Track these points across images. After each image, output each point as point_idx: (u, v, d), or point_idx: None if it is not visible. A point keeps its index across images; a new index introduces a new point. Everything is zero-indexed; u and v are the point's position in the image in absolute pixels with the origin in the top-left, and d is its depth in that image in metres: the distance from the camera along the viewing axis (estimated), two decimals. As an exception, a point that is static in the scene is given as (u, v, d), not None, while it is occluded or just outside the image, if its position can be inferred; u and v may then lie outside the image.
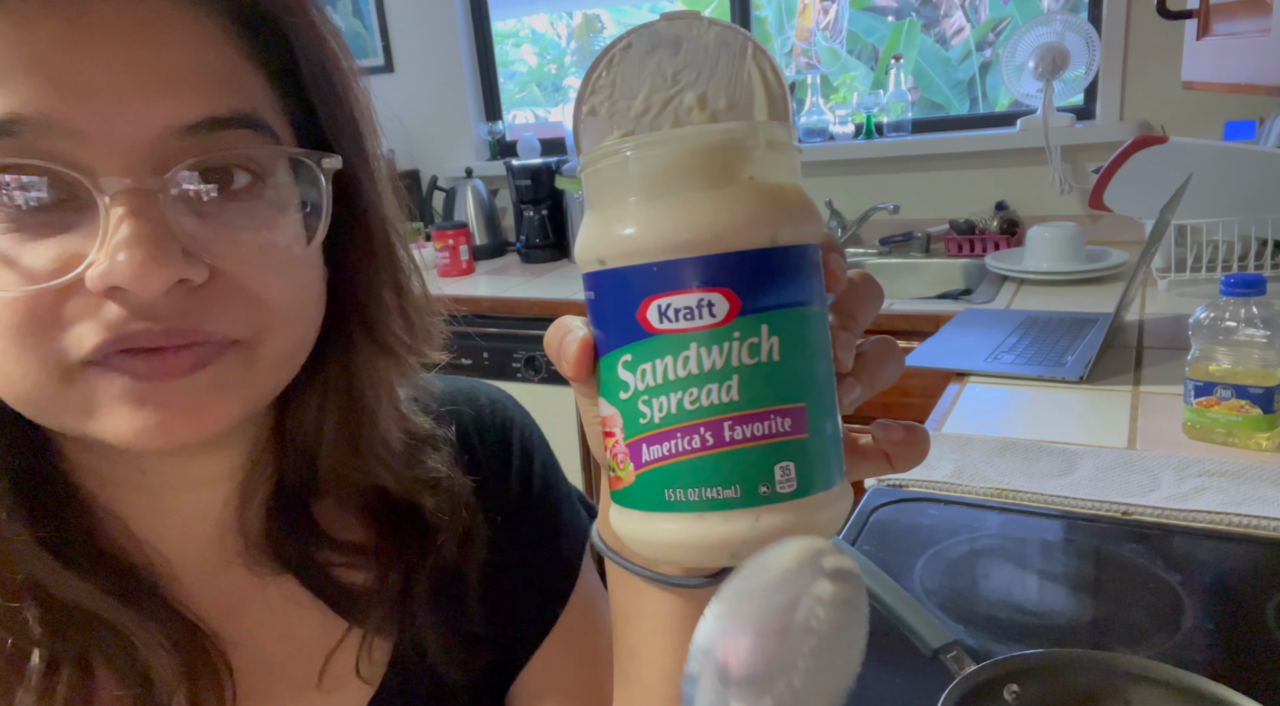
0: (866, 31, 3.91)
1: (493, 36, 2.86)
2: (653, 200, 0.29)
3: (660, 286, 0.29)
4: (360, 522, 0.51)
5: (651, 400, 0.29)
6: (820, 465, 0.30)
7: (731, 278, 0.28)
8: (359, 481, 0.49)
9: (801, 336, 0.30)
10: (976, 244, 2.21)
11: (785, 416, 0.29)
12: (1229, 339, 1.01)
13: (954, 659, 0.61)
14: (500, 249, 2.79)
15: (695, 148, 0.29)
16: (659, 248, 0.29)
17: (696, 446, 0.29)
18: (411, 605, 0.50)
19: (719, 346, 0.28)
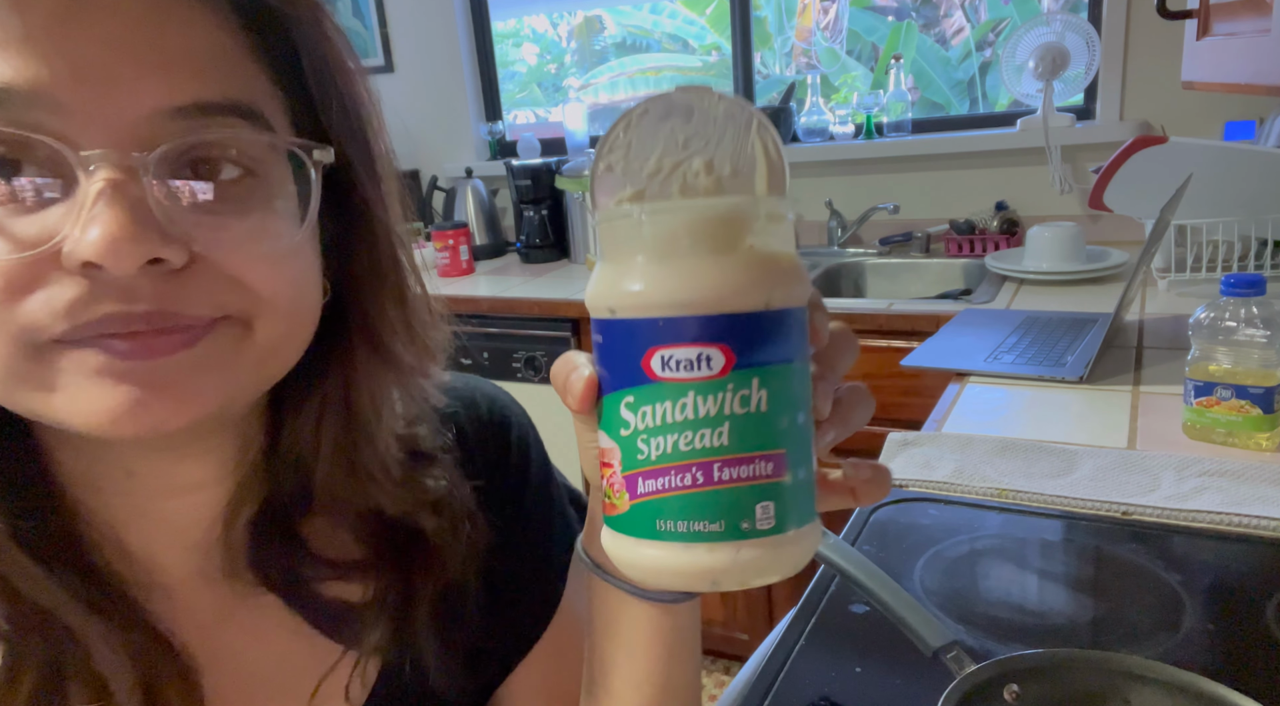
0: (867, 31, 3.91)
1: (493, 36, 2.86)
2: (662, 260, 0.32)
3: (664, 338, 0.32)
4: (356, 541, 0.49)
5: (650, 439, 0.32)
6: (795, 505, 0.33)
7: (729, 335, 0.31)
8: (354, 502, 0.48)
9: (787, 389, 0.33)
10: (976, 244, 2.21)
11: (768, 461, 0.32)
12: (1229, 339, 1.01)
13: (954, 659, 0.61)
14: (500, 249, 2.79)
15: (704, 217, 0.32)
16: (665, 304, 0.32)
17: (688, 484, 0.32)
18: (411, 625, 0.49)
19: (714, 396, 0.32)
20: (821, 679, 0.70)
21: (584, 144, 2.72)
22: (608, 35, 3.97)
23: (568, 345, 2.14)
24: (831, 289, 2.28)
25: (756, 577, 0.33)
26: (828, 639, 0.75)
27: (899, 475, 1.03)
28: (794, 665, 0.72)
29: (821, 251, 2.42)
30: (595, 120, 2.94)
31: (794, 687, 0.69)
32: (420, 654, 0.49)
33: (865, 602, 0.78)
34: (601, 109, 3.59)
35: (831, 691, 0.69)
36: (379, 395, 0.47)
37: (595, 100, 3.62)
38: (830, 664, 0.72)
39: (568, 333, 2.13)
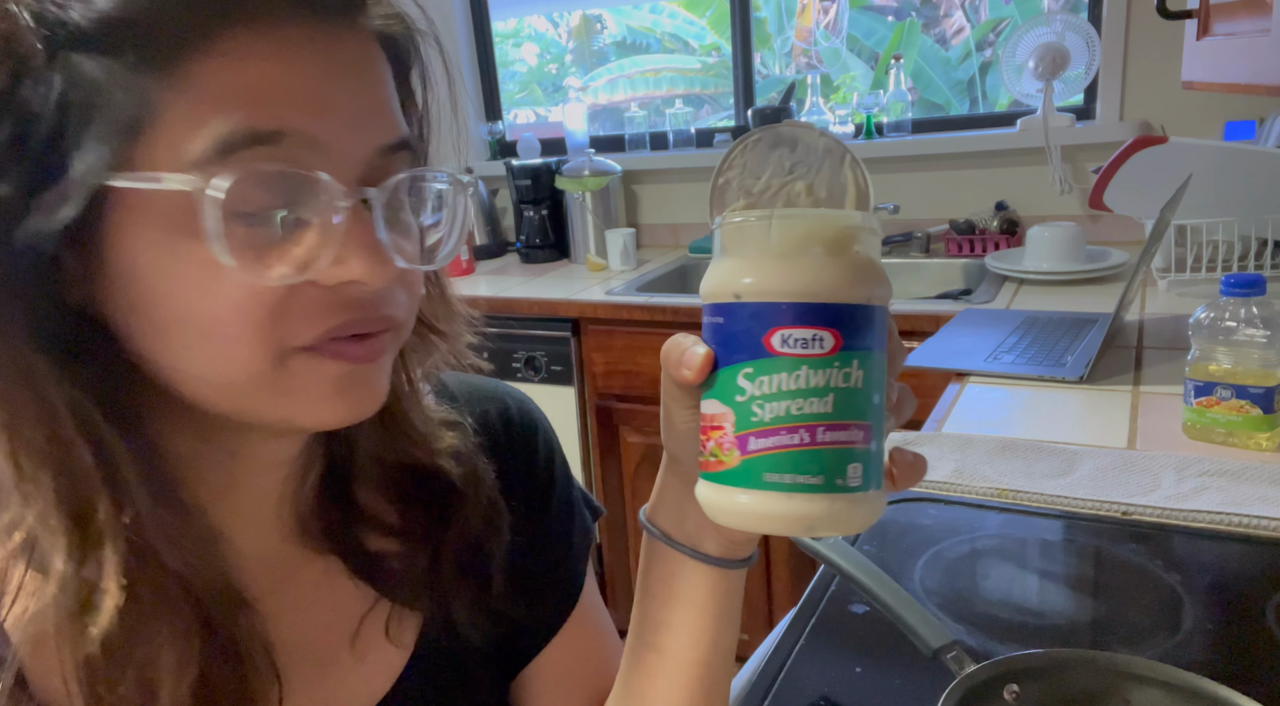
0: (866, 32, 3.91)
1: (493, 36, 2.86)
2: (787, 257, 0.39)
3: (785, 320, 0.38)
4: (392, 502, 0.55)
5: (765, 404, 0.39)
6: (874, 470, 0.40)
7: (838, 322, 0.38)
8: (391, 459, 0.54)
9: (876, 372, 0.39)
10: (976, 244, 2.21)
11: (860, 429, 0.39)
12: (1229, 339, 1.01)
13: (954, 659, 0.61)
14: (500, 249, 2.79)
15: (826, 225, 0.40)
16: (789, 292, 0.38)
17: (796, 442, 0.38)
18: (440, 577, 0.54)
19: (823, 371, 0.38)
20: (821, 679, 0.70)
21: (584, 144, 2.72)
22: (608, 35, 3.97)
23: (567, 345, 2.14)
24: (831, 289, 2.28)
25: (843, 527, 0.39)
26: (828, 639, 0.75)
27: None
28: (794, 665, 0.72)
29: (821, 251, 2.42)
30: (595, 120, 2.94)
31: (794, 687, 0.69)
32: (448, 605, 0.55)
33: (865, 602, 0.78)
34: (601, 109, 3.59)
35: (831, 691, 0.69)
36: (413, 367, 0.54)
37: (595, 101, 3.62)
38: (830, 664, 0.72)
39: (568, 332, 2.13)
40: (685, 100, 3.21)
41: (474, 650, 0.57)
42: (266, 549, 0.52)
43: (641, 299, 2.07)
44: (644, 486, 2.16)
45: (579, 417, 2.18)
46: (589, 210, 2.52)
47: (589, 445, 2.21)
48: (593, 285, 2.26)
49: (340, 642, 0.53)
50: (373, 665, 0.54)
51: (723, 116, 3.24)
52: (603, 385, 2.13)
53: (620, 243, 2.42)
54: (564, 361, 2.15)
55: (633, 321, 2.05)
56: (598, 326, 2.10)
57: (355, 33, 0.42)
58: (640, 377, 2.08)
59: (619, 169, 2.55)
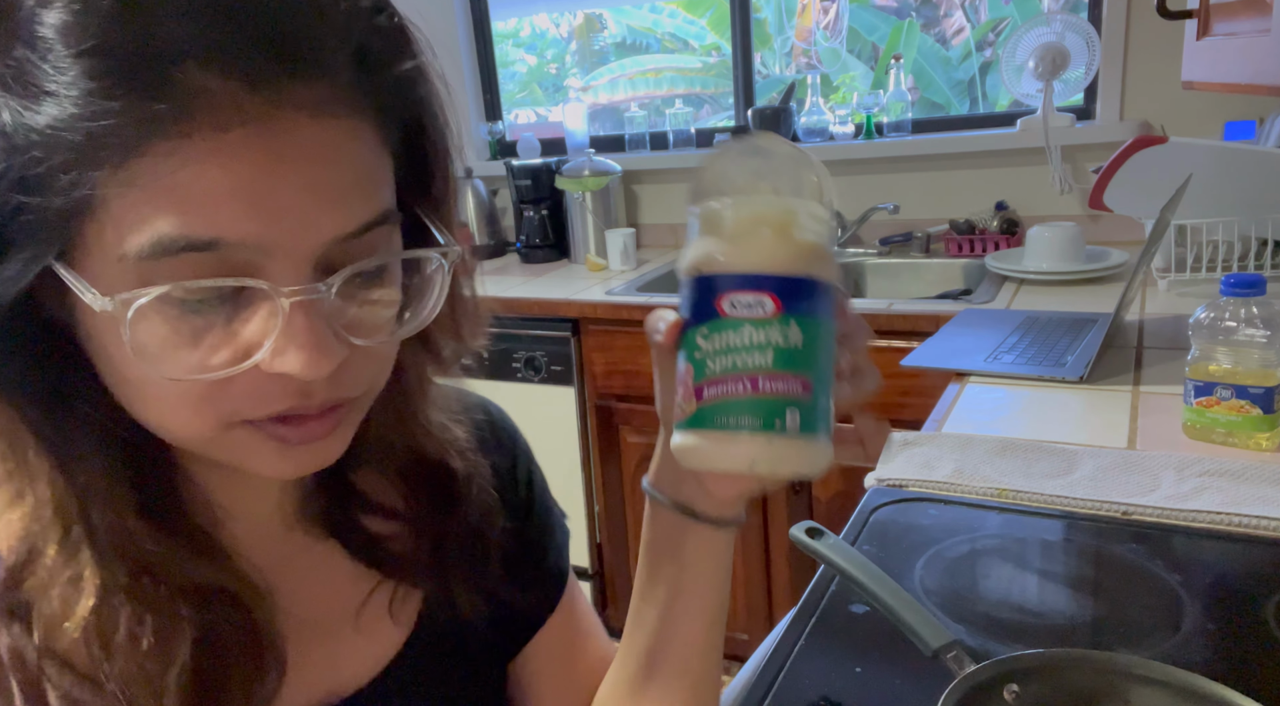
0: (867, 30, 3.91)
1: (493, 36, 2.86)
2: (740, 237, 0.46)
3: (733, 287, 0.45)
4: (397, 487, 0.58)
5: (716, 358, 0.45)
6: (813, 420, 0.46)
7: (778, 289, 0.45)
8: (400, 446, 0.57)
9: (815, 334, 0.46)
10: (976, 244, 2.21)
11: (797, 381, 0.45)
12: (1229, 339, 1.01)
13: (954, 659, 0.61)
14: (500, 249, 2.79)
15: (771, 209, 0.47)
16: (738, 265, 0.46)
17: (739, 391, 0.45)
18: (443, 560, 0.58)
19: (763, 329, 0.45)
20: (821, 679, 0.70)
21: (584, 144, 2.72)
22: (608, 35, 3.97)
23: (568, 345, 2.14)
24: (831, 289, 2.28)
25: (782, 467, 0.46)
26: (828, 639, 0.75)
27: (899, 475, 1.03)
28: (794, 665, 0.72)
29: (821, 251, 2.42)
30: (595, 120, 2.94)
31: (794, 687, 0.69)
32: (450, 586, 0.58)
33: (865, 602, 0.78)
34: (601, 109, 3.59)
35: (831, 691, 0.69)
36: (424, 375, 0.56)
37: (595, 101, 3.62)
38: (830, 664, 0.72)
39: (568, 332, 2.13)
40: (685, 100, 3.22)
41: (472, 629, 0.60)
42: (269, 532, 0.55)
43: (641, 299, 2.06)
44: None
45: (579, 417, 2.18)
46: (589, 210, 2.52)
47: (589, 445, 2.21)
48: (593, 285, 2.26)
49: (342, 620, 0.56)
50: (374, 640, 0.57)
51: (723, 116, 3.24)
52: (603, 385, 2.13)
53: (620, 243, 2.42)
54: (564, 361, 2.15)
55: (633, 321, 2.05)
56: (598, 326, 2.10)
57: (321, 120, 0.40)
58: (640, 377, 2.08)
59: (619, 169, 2.55)
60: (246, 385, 0.42)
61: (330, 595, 0.56)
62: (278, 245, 0.39)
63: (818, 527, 0.76)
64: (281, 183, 0.39)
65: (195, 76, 0.36)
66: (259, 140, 0.38)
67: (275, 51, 0.38)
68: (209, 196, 0.38)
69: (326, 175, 0.40)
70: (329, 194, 0.40)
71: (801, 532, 0.76)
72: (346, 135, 0.41)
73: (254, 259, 0.39)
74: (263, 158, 0.38)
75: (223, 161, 0.37)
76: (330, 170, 0.40)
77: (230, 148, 0.37)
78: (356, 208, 0.42)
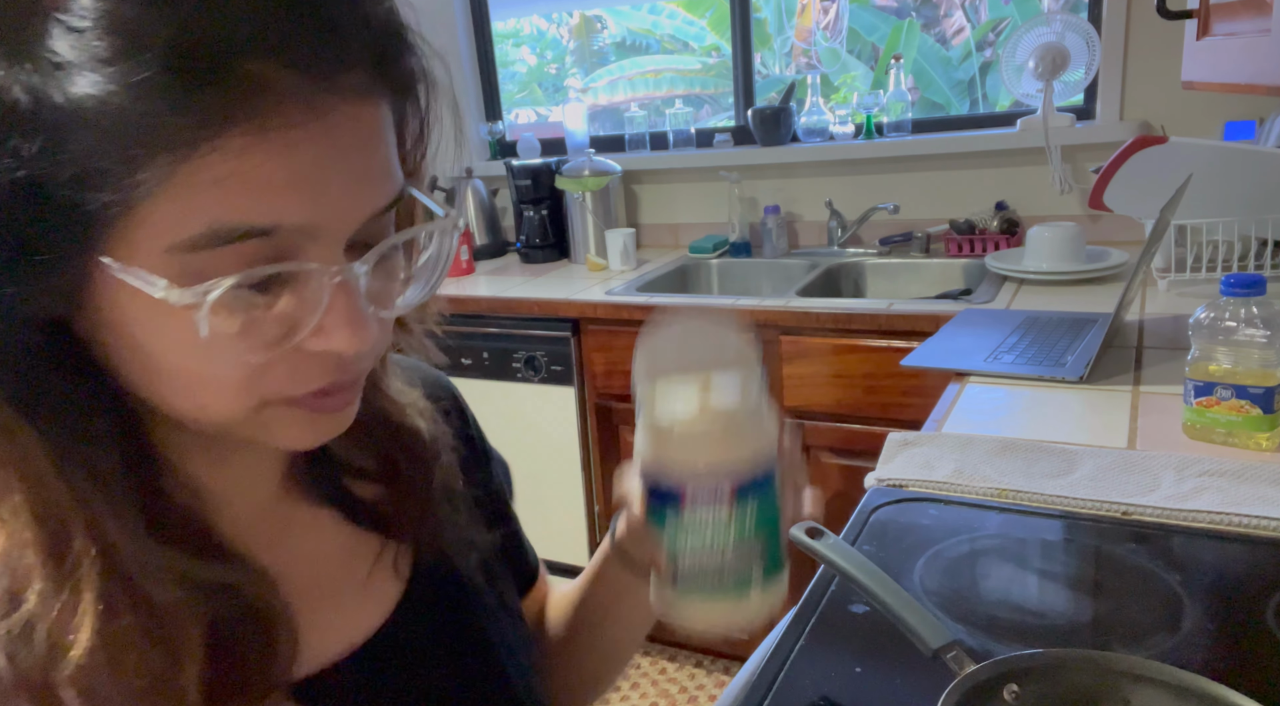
0: (867, 31, 3.91)
1: (493, 36, 2.86)
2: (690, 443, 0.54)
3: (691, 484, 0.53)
4: (375, 451, 0.60)
5: (686, 536, 0.54)
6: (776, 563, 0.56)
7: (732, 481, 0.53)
8: (368, 412, 0.58)
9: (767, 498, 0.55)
10: (976, 244, 2.21)
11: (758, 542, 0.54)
12: (1229, 339, 1.01)
13: (954, 659, 0.61)
14: (500, 249, 2.79)
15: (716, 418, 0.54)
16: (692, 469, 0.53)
17: (710, 563, 0.54)
18: (426, 510, 0.61)
19: (724, 512, 0.53)
20: (821, 679, 0.70)
21: (584, 144, 2.72)
22: (607, 35, 3.97)
23: (568, 345, 2.14)
24: (831, 289, 2.28)
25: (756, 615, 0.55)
26: (828, 639, 0.75)
27: (899, 475, 1.03)
28: (794, 665, 0.72)
29: (821, 251, 2.42)
30: (595, 120, 2.94)
31: (794, 687, 0.69)
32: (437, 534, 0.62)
33: (865, 602, 0.78)
34: (601, 109, 3.59)
35: (831, 691, 0.69)
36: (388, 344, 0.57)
37: (595, 101, 3.62)
38: (830, 664, 0.72)
39: (568, 332, 2.13)
40: (685, 100, 3.21)
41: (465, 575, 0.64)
42: (261, 507, 0.56)
43: (641, 299, 2.06)
44: (644, 486, 2.16)
45: (579, 417, 2.18)
46: (589, 210, 2.52)
47: (589, 445, 2.21)
48: (593, 285, 2.26)
49: (345, 582, 0.58)
50: (377, 594, 0.59)
51: (723, 116, 3.24)
52: (603, 385, 2.13)
53: (620, 243, 2.42)
54: (564, 361, 2.15)
55: (633, 321, 2.05)
56: (598, 326, 2.10)
57: (362, 106, 0.42)
58: (640, 378, 2.08)
59: (619, 169, 2.55)
60: (288, 366, 0.43)
61: (331, 558, 0.58)
62: (326, 227, 0.41)
63: (818, 527, 0.76)
64: (333, 169, 0.40)
65: (261, 69, 0.37)
66: (318, 129, 0.39)
67: (326, 40, 0.39)
68: (271, 185, 0.39)
69: (366, 160, 0.42)
70: (369, 178, 0.43)
71: (801, 532, 0.76)
72: (377, 118, 0.43)
73: (300, 242, 0.41)
74: (323, 148, 0.40)
75: (285, 151, 0.39)
76: (369, 154, 0.42)
77: (293, 138, 0.39)
78: (386, 187, 0.44)
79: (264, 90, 0.37)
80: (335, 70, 0.40)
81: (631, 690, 2.22)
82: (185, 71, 0.36)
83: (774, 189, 2.52)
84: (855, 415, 1.87)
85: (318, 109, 0.39)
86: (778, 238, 2.42)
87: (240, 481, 0.54)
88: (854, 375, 1.84)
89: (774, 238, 2.42)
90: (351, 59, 0.40)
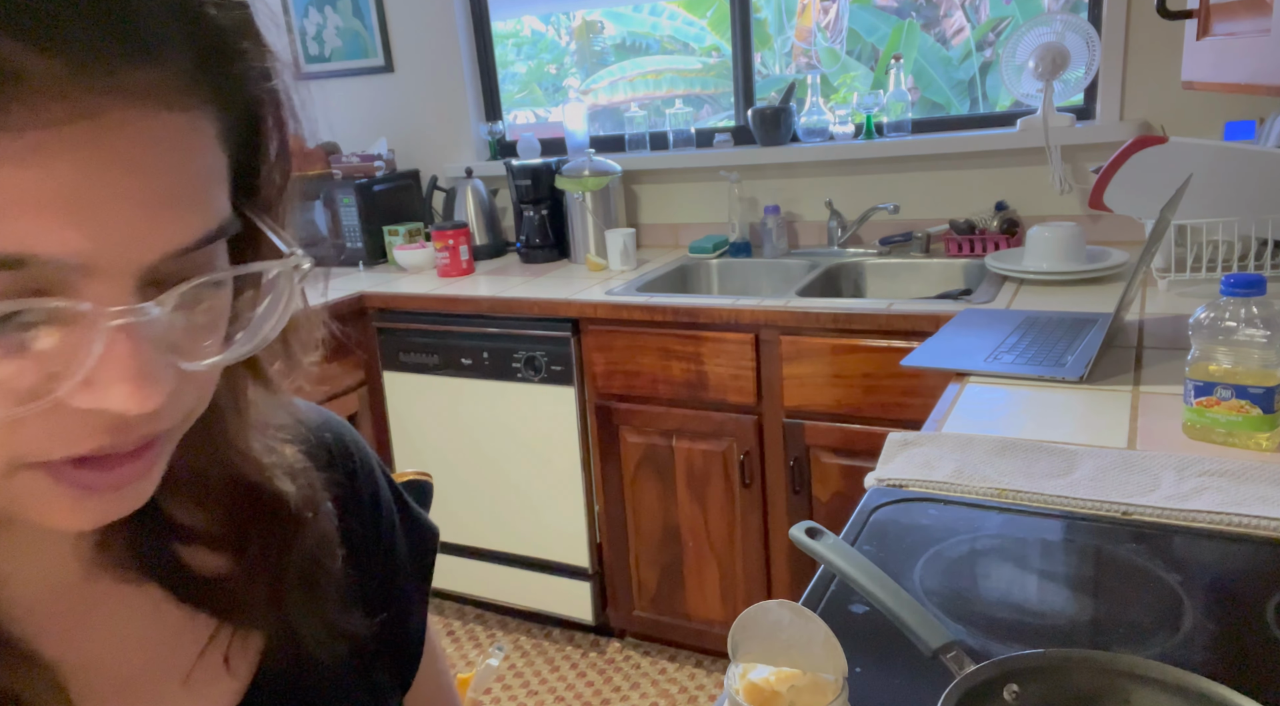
0: (868, 29, 3.91)
1: (493, 36, 2.86)
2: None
3: None
4: (222, 516, 0.50)
5: None
6: None
7: None
8: (214, 475, 0.49)
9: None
10: (976, 244, 2.21)
11: None
12: (1229, 339, 1.01)
13: (954, 659, 0.61)
14: (500, 249, 2.79)
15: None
16: None
17: None
18: (282, 594, 0.50)
19: None
20: (821, 679, 0.70)
21: (584, 144, 2.72)
22: (607, 36, 3.97)
23: (567, 345, 2.14)
24: (831, 289, 2.28)
25: None
26: (828, 639, 0.75)
27: (899, 475, 1.03)
28: (794, 665, 0.72)
29: (821, 251, 2.42)
30: (595, 120, 2.94)
31: (794, 687, 0.69)
32: (292, 619, 0.51)
33: (865, 602, 0.78)
34: (601, 109, 3.59)
35: (831, 691, 0.69)
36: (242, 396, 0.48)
37: (595, 102, 3.62)
38: (830, 664, 0.72)
39: (568, 332, 2.13)
40: (685, 100, 3.21)
41: (324, 672, 0.53)
42: (62, 583, 0.46)
43: (641, 299, 2.07)
44: (644, 486, 2.16)
45: (579, 417, 2.18)
46: (589, 210, 2.52)
47: (589, 445, 2.21)
48: (593, 285, 2.26)
49: (169, 675, 0.48)
50: (207, 697, 0.49)
51: (723, 116, 3.24)
52: (603, 385, 2.13)
53: (620, 243, 2.42)
54: (564, 361, 2.15)
55: (633, 321, 2.05)
56: (598, 326, 2.10)
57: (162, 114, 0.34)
58: (640, 378, 2.08)
59: (619, 169, 2.55)
60: (46, 422, 0.34)
61: (152, 649, 0.48)
62: (100, 262, 0.33)
63: (818, 527, 0.76)
64: (110, 189, 0.32)
65: (8, 50, 0.30)
66: (87, 137, 0.32)
67: (109, 25, 0.32)
68: (21, 204, 0.31)
69: (163, 181, 0.34)
70: (165, 204, 0.34)
71: (801, 532, 0.76)
72: (185, 130, 0.35)
73: (68, 276, 0.33)
74: (92, 160, 0.32)
75: (41, 162, 0.31)
76: (167, 175, 0.34)
77: (51, 146, 0.31)
78: (194, 219, 0.36)
79: (13, 80, 0.30)
80: (117, 65, 0.32)
81: (631, 690, 2.22)
82: None
83: (774, 189, 2.52)
84: (855, 415, 1.87)
85: (87, 110, 0.31)
86: (778, 238, 2.42)
87: (32, 558, 0.44)
88: (854, 375, 1.84)
89: (774, 238, 2.42)
90: (145, 54, 0.33)
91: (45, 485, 0.36)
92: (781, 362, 1.92)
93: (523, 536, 2.34)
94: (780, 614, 0.58)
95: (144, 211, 0.34)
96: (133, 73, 0.32)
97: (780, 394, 1.94)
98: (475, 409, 2.30)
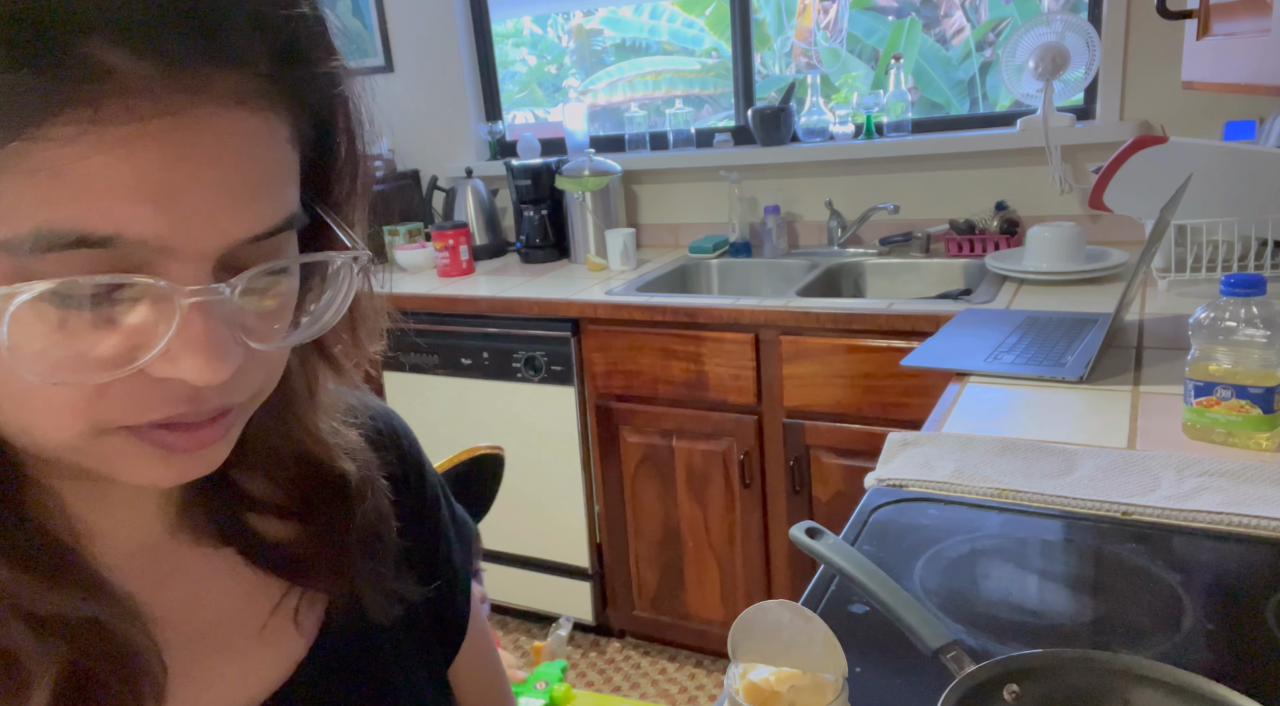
0: (867, 32, 3.91)
1: (493, 36, 2.86)
2: None
3: None
4: (291, 490, 0.55)
5: None
6: None
7: None
8: (286, 452, 0.53)
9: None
10: (976, 244, 2.21)
11: None
12: (1229, 339, 1.01)
13: (954, 659, 0.61)
14: (500, 249, 2.79)
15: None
16: None
17: None
18: (346, 562, 0.55)
19: None
20: (821, 679, 0.70)
21: (584, 144, 2.72)
22: (607, 37, 3.97)
23: (568, 345, 2.14)
24: (831, 289, 2.28)
25: None
26: (828, 639, 0.75)
27: (899, 475, 1.03)
28: (794, 665, 0.72)
29: (821, 251, 2.42)
30: (595, 120, 2.94)
31: (794, 687, 0.69)
32: (358, 594, 0.56)
33: (865, 602, 0.78)
34: (601, 109, 3.59)
35: (831, 691, 0.69)
36: (314, 381, 0.53)
37: (595, 102, 3.62)
38: (830, 664, 0.72)
39: (568, 332, 2.13)
40: (685, 100, 3.21)
41: (384, 635, 0.58)
42: (148, 544, 0.51)
43: (641, 299, 2.07)
44: (644, 486, 2.16)
45: (579, 417, 2.18)
46: (589, 210, 2.52)
47: (589, 445, 2.21)
48: (593, 285, 2.26)
49: (243, 629, 0.53)
50: (279, 651, 0.54)
51: (723, 116, 3.24)
52: (603, 385, 2.13)
53: (620, 243, 2.42)
54: (564, 361, 2.15)
55: (633, 321, 2.05)
56: (598, 326, 2.10)
57: (240, 112, 0.37)
58: (640, 377, 2.08)
59: (619, 169, 2.55)
60: (130, 389, 0.38)
61: (227, 606, 0.52)
62: (179, 246, 0.37)
63: (818, 527, 0.76)
64: (191, 180, 0.36)
65: (105, 53, 0.33)
66: (173, 133, 0.35)
67: (196, 33, 0.35)
68: (111, 189, 0.34)
69: (238, 174, 0.38)
70: (239, 194, 0.38)
71: (801, 532, 0.76)
72: (261, 130, 0.38)
73: (151, 257, 0.36)
74: (174, 152, 0.35)
75: (130, 153, 0.34)
76: (242, 169, 0.38)
77: (140, 139, 0.34)
78: (265, 210, 0.39)
79: (103, 77, 0.33)
80: (203, 68, 0.35)
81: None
82: (10, 44, 0.32)
83: (774, 189, 2.52)
84: (855, 415, 1.87)
85: (172, 107, 0.35)
86: (778, 238, 2.42)
87: (122, 513, 0.49)
88: (854, 375, 1.84)
89: (774, 238, 2.42)
90: (227, 58, 0.36)
91: (132, 445, 0.40)
92: (781, 363, 1.92)
93: (523, 536, 2.34)
94: (780, 614, 0.58)
95: (220, 201, 0.37)
96: (215, 76, 0.36)
97: (780, 394, 1.94)
98: (475, 409, 2.30)
